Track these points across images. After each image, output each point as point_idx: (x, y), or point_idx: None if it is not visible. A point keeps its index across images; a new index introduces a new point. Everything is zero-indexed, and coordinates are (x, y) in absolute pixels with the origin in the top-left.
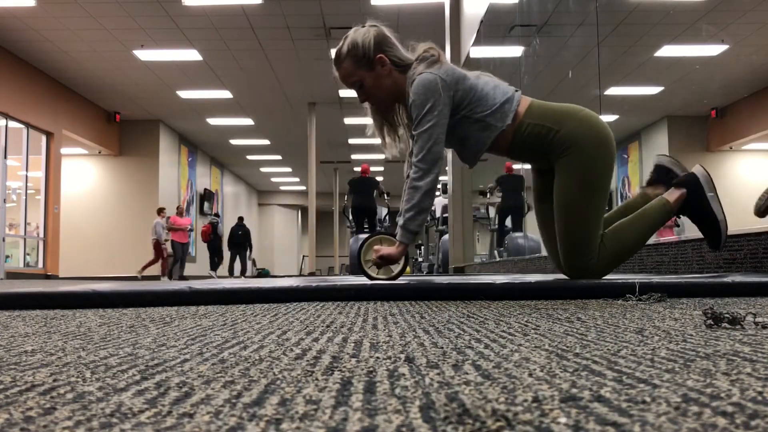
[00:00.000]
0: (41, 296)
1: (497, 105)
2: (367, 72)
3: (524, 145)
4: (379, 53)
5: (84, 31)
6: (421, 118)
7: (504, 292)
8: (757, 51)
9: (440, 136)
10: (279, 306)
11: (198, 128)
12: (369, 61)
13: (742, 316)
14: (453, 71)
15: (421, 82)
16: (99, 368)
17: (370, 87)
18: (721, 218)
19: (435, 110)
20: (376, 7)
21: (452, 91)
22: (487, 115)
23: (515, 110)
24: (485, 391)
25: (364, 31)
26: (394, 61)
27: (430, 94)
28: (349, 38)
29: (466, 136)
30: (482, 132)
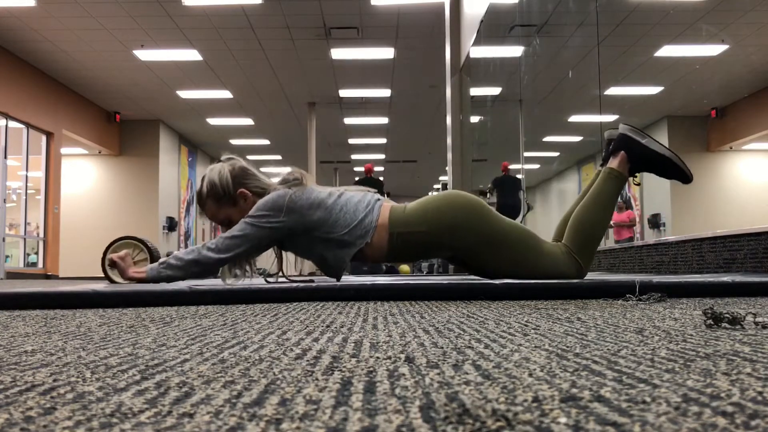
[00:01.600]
0: (41, 296)
1: (355, 222)
2: (231, 208)
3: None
4: (239, 188)
5: (84, 31)
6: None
7: (504, 292)
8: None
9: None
10: (279, 306)
11: (198, 128)
12: (231, 198)
13: (742, 316)
14: (308, 196)
15: (270, 195)
16: (99, 368)
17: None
18: (669, 153)
19: (265, 219)
20: (376, 7)
21: (298, 215)
22: (344, 234)
23: (375, 224)
24: (485, 391)
25: (219, 168)
26: (257, 192)
27: (271, 206)
28: (206, 179)
29: (324, 255)
30: (341, 251)
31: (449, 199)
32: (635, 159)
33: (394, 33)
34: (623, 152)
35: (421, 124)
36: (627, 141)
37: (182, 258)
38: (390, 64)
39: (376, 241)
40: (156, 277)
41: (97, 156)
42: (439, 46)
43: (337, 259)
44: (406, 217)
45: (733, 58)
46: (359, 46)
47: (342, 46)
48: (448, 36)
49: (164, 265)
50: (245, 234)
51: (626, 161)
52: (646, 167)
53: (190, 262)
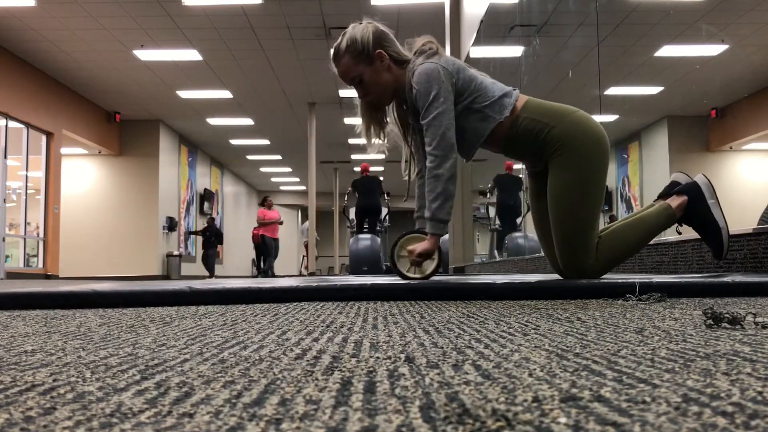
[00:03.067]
0: (41, 296)
1: (496, 97)
2: (366, 67)
3: (519, 139)
4: (378, 48)
5: (84, 31)
6: (428, 106)
7: (504, 292)
8: (757, 51)
9: (450, 121)
10: (279, 306)
11: (198, 128)
12: (368, 57)
13: (742, 316)
14: (453, 61)
15: (423, 71)
16: (99, 368)
17: (369, 82)
18: (723, 225)
19: (440, 97)
20: (376, 7)
21: (454, 78)
22: (485, 106)
23: (513, 104)
24: (485, 391)
25: (362, 27)
26: (393, 56)
27: (434, 82)
28: (348, 34)
29: (464, 126)
30: (480, 123)
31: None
32: (691, 212)
33: (394, 33)
34: (687, 198)
35: None
36: (696, 193)
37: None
38: None
39: (506, 122)
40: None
41: (97, 156)
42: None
43: (476, 133)
44: (543, 108)
45: (733, 58)
46: None
47: None
48: (448, 36)
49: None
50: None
51: (684, 208)
52: (696, 224)
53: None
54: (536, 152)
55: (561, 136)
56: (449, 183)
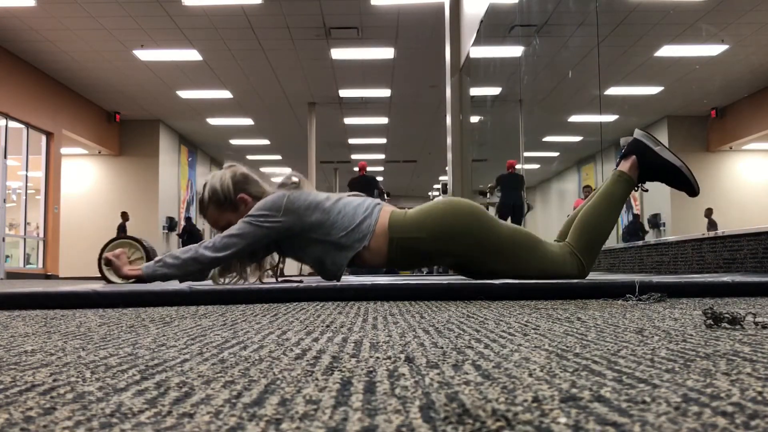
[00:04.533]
0: (41, 296)
1: (353, 225)
2: (232, 214)
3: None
4: (239, 193)
5: (84, 31)
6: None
7: (504, 292)
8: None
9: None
10: (279, 306)
11: (198, 128)
12: (231, 204)
13: (742, 316)
14: (306, 197)
15: (270, 196)
16: (99, 368)
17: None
18: (679, 163)
19: (264, 218)
20: (376, 7)
21: (296, 216)
22: (342, 237)
23: (373, 228)
24: (485, 391)
25: (220, 175)
26: (257, 197)
27: (269, 206)
28: (208, 185)
29: (322, 258)
30: (338, 253)
31: (450, 206)
32: (646, 165)
33: (394, 33)
34: (634, 157)
35: (421, 124)
36: (640, 146)
37: (179, 257)
38: (390, 64)
39: (375, 245)
40: (151, 275)
41: (97, 156)
42: (439, 46)
43: (335, 263)
44: (407, 222)
45: (733, 58)
46: (359, 46)
47: (342, 46)
48: (448, 36)
49: (160, 263)
50: (243, 233)
51: (637, 166)
52: (655, 175)
53: (186, 260)
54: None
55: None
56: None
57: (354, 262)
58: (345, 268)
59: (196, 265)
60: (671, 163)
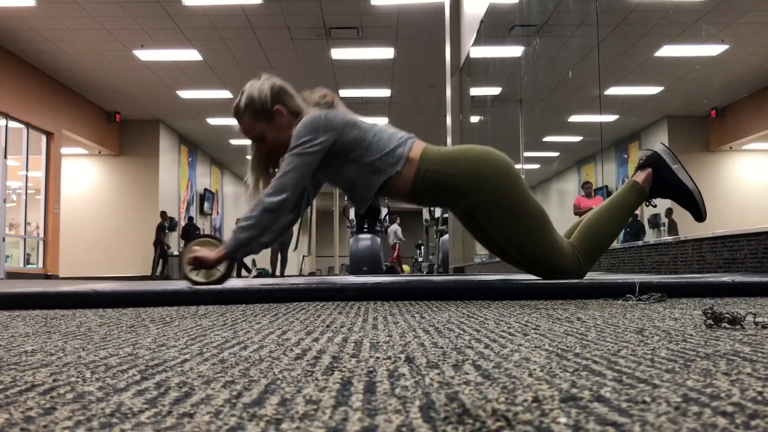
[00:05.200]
0: (41, 296)
1: (388, 149)
2: (266, 125)
3: (426, 192)
4: (276, 105)
5: (84, 31)
6: (293, 146)
7: (504, 292)
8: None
9: (304, 167)
10: (279, 306)
11: (198, 128)
12: (267, 114)
13: (742, 316)
14: (343, 115)
15: (307, 118)
16: (99, 368)
17: (271, 139)
18: (692, 186)
19: (309, 143)
20: (376, 6)
21: (337, 133)
22: (376, 160)
23: (406, 155)
24: (485, 391)
25: (259, 85)
26: (293, 111)
27: (310, 128)
28: (246, 93)
29: (354, 180)
30: (371, 176)
31: (487, 153)
32: (659, 181)
33: (394, 33)
34: (650, 170)
35: (421, 124)
36: (658, 161)
37: (248, 217)
38: (390, 64)
39: (405, 173)
40: (235, 247)
41: (97, 156)
42: (439, 46)
43: (366, 185)
44: (440, 157)
45: (733, 58)
46: (359, 46)
47: (342, 46)
48: (448, 36)
49: (237, 233)
50: (294, 165)
51: (651, 179)
52: (666, 192)
53: (259, 216)
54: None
55: (466, 180)
56: (265, 213)
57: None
58: (374, 192)
59: (269, 215)
60: (685, 184)
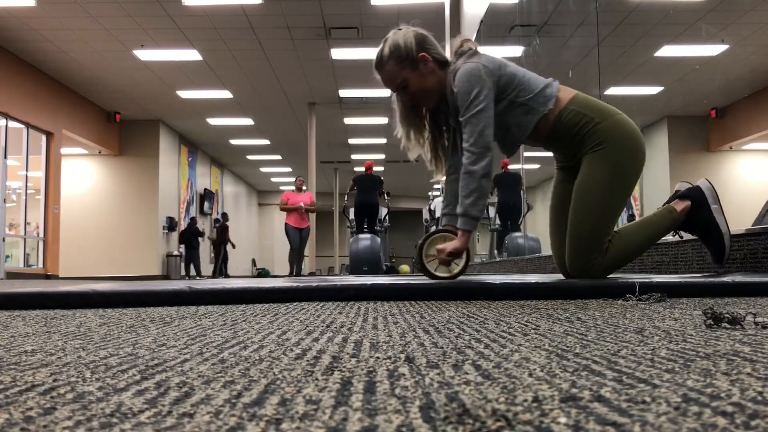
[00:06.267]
0: (41, 296)
1: (539, 89)
2: (411, 72)
3: (562, 131)
4: (421, 52)
5: (84, 31)
6: (469, 104)
7: (504, 292)
8: (757, 51)
9: (489, 120)
10: (279, 306)
11: (198, 128)
12: (412, 61)
13: (742, 316)
14: (494, 59)
15: (465, 70)
16: (99, 368)
17: (415, 86)
18: (725, 230)
19: (481, 95)
20: (376, 7)
21: (495, 77)
22: (529, 99)
23: (556, 95)
24: (485, 391)
25: (403, 33)
26: (437, 59)
27: (475, 81)
28: (390, 40)
29: (509, 121)
30: (525, 116)
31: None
32: (695, 216)
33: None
34: (690, 203)
35: None
36: (700, 197)
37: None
38: None
39: (552, 114)
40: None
41: (97, 156)
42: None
43: (521, 126)
44: (591, 104)
45: (733, 58)
46: (359, 46)
47: (342, 46)
48: (448, 36)
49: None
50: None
51: (687, 212)
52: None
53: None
54: (575, 145)
55: (603, 133)
56: (483, 180)
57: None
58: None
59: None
60: (719, 227)
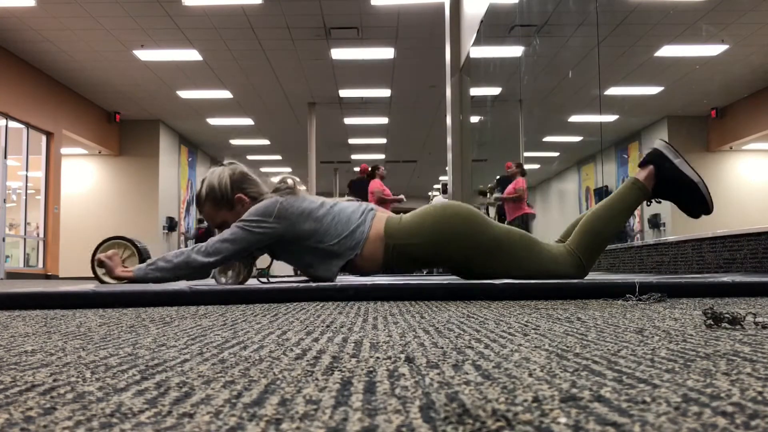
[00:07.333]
0: (41, 296)
1: (347, 233)
2: (228, 212)
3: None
4: (237, 193)
5: (84, 31)
6: (242, 219)
7: (504, 292)
8: (757, 51)
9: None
10: (279, 306)
11: (198, 128)
12: (228, 202)
13: (742, 316)
14: (301, 203)
15: (263, 202)
16: (99, 368)
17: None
18: (697, 179)
19: (256, 224)
20: (376, 7)
21: (289, 223)
22: (334, 245)
23: (366, 235)
24: (485, 391)
25: (219, 173)
26: (254, 197)
27: (262, 212)
28: (206, 181)
29: (313, 264)
30: (330, 260)
31: (445, 211)
32: (662, 177)
33: (394, 33)
34: (652, 167)
35: (421, 124)
36: (659, 157)
37: (170, 260)
38: (390, 64)
39: (368, 252)
40: (143, 277)
41: (97, 156)
42: (439, 46)
43: (325, 270)
44: (402, 228)
45: (733, 58)
46: (359, 46)
47: (342, 46)
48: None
49: (153, 266)
50: (235, 238)
51: (653, 176)
52: (670, 190)
53: (178, 264)
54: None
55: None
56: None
57: (346, 268)
58: (336, 274)
59: (188, 269)
60: (689, 177)
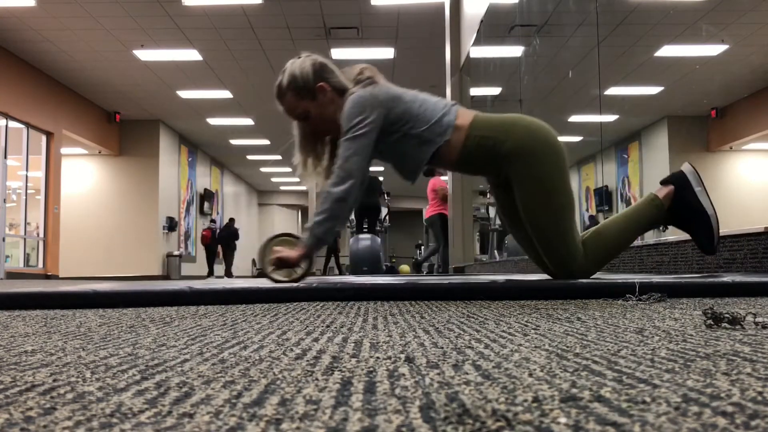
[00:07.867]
0: (41, 296)
1: (435, 119)
2: (310, 102)
3: (473, 158)
4: (318, 82)
5: (84, 31)
6: (347, 130)
7: (504, 292)
8: (757, 51)
9: (363, 148)
10: (279, 306)
11: (198, 128)
12: (310, 91)
13: (742, 316)
14: (387, 90)
15: (353, 99)
16: (99, 368)
17: (315, 117)
18: (712, 212)
19: (361, 124)
20: (376, 7)
21: (385, 108)
22: (424, 131)
23: (454, 123)
24: (485, 391)
25: (300, 62)
26: (336, 87)
27: (359, 109)
28: (287, 71)
29: (404, 152)
30: (420, 147)
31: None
32: (679, 200)
33: (394, 33)
34: (673, 187)
35: None
36: (682, 180)
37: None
38: (390, 64)
39: (454, 141)
40: (314, 243)
41: (97, 156)
42: (439, 46)
43: (416, 158)
44: (491, 123)
45: (733, 58)
46: (359, 46)
47: (342, 46)
48: (448, 36)
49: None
50: (353, 150)
51: (671, 197)
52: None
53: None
54: (493, 167)
55: (514, 148)
56: (337, 205)
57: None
58: (425, 164)
59: (341, 204)
60: (704, 209)
